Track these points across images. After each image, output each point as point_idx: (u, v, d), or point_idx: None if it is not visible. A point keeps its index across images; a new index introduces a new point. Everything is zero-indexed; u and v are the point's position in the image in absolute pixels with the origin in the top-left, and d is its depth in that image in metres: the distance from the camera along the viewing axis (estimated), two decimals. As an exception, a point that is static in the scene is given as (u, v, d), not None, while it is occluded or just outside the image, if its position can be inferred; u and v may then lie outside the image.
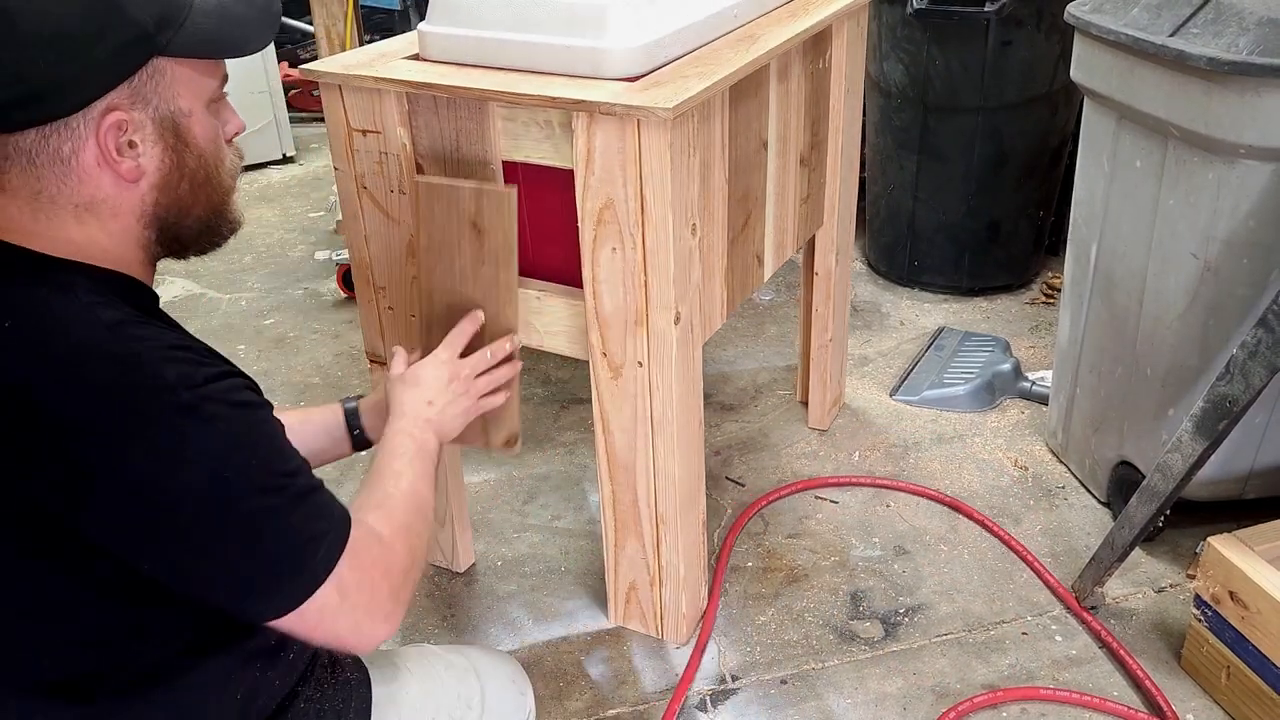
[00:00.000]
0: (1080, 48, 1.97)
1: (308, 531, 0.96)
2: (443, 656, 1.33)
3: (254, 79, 4.05)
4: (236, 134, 1.06)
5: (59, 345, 0.88)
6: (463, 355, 1.45)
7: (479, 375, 1.43)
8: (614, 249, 1.52)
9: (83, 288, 0.92)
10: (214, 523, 0.90)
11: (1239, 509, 1.97)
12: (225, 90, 1.04)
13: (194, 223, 1.02)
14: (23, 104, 0.89)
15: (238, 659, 1.03)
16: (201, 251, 1.07)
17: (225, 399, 0.92)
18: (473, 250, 1.52)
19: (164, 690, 0.98)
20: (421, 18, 1.67)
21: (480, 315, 1.50)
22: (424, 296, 1.56)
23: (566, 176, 1.51)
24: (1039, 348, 2.78)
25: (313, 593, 0.96)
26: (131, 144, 0.94)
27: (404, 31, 2.12)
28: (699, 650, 1.82)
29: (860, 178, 2.46)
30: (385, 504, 1.13)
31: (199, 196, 1.01)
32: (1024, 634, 1.86)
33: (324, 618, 0.98)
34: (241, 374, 0.99)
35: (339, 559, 0.98)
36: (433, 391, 1.35)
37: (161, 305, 1.04)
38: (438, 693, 1.27)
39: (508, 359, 1.49)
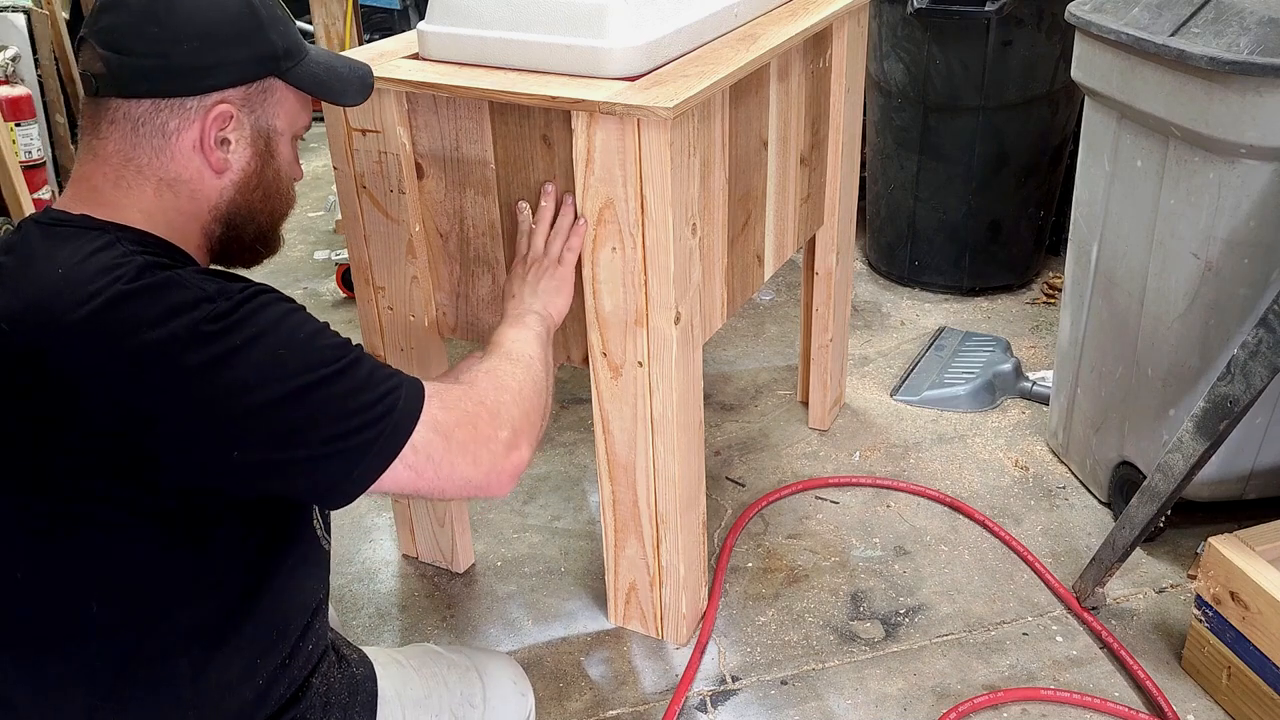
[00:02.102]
0: (1081, 47, 1.97)
1: (382, 386, 1.00)
2: (445, 656, 1.34)
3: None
4: (298, 179, 1.18)
5: (103, 286, 0.91)
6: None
7: (553, 245, 1.52)
8: (614, 249, 1.52)
9: (130, 240, 0.97)
10: (289, 404, 0.93)
11: (1240, 509, 1.96)
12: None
13: (255, 230, 1.12)
14: (156, 75, 1.00)
15: (264, 648, 1.04)
16: (246, 263, 1.16)
17: (265, 300, 0.97)
18: (544, 164, 1.54)
19: (190, 681, 0.98)
20: (421, 17, 1.67)
21: (551, 190, 1.57)
22: (502, 209, 1.61)
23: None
24: (1040, 348, 2.77)
25: (408, 439, 0.99)
26: (227, 140, 1.04)
27: (403, 31, 2.12)
28: (699, 651, 1.82)
29: (860, 177, 2.46)
30: (484, 357, 1.25)
31: (267, 206, 1.12)
32: (1025, 634, 1.86)
33: (437, 463, 1.02)
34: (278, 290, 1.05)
35: (423, 403, 1.02)
36: (526, 293, 1.47)
37: None
38: (441, 690, 1.28)
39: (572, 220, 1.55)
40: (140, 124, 1.01)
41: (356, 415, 0.97)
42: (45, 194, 3.17)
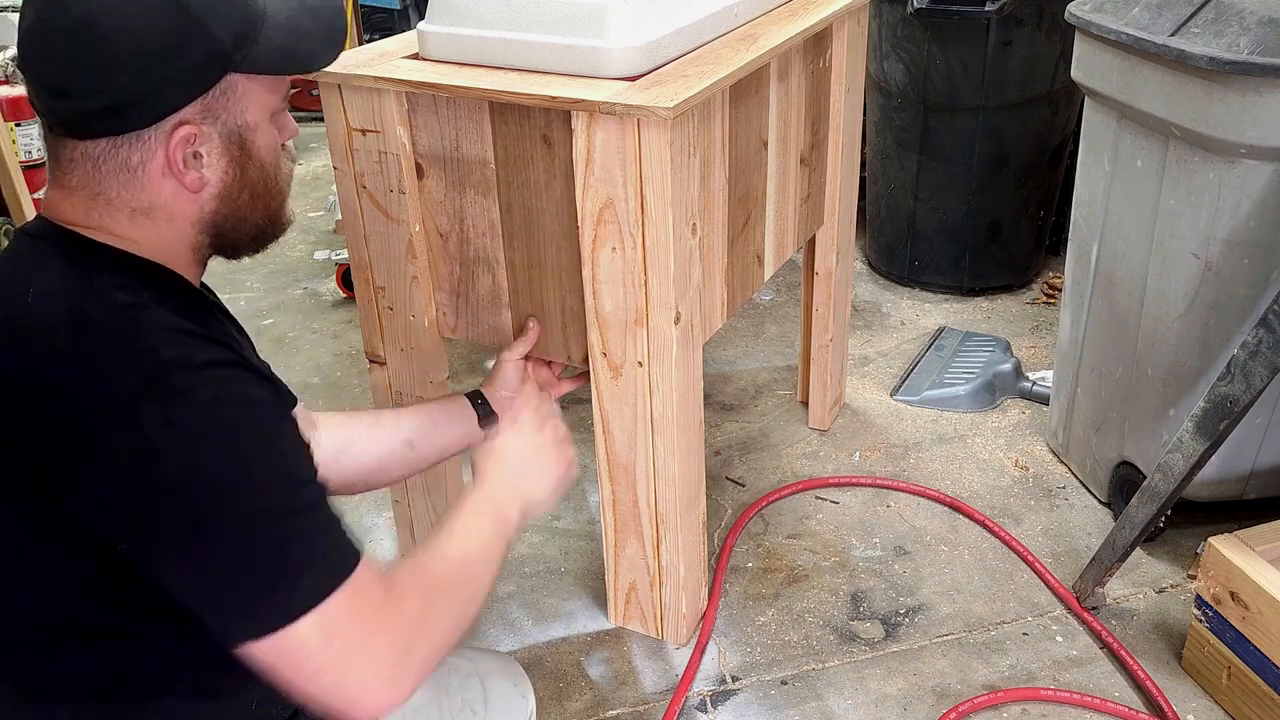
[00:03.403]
0: (1081, 47, 1.97)
1: (301, 550, 0.90)
2: (445, 660, 1.33)
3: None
4: (290, 137, 1.07)
5: (66, 324, 0.88)
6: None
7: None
8: (614, 249, 1.52)
9: (110, 271, 0.93)
10: (193, 516, 0.86)
11: (1240, 509, 1.96)
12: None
13: (249, 229, 1.04)
14: (101, 115, 0.91)
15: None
16: (252, 253, 1.08)
17: (224, 387, 0.89)
18: (545, 164, 1.53)
19: (179, 696, 0.97)
20: (421, 17, 1.67)
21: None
22: (502, 209, 1.59)
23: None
24: (1040, 348, 2.77)
25: (290, 621, 0.87)
26: (197, 155, 0.96)
27: (403, 31, 2.12)
28: (699, 651, 1.82)
29: (860, 177, 2.46)
30: (424, 560, 1.05)
31: (257, 205, 1.03)
32: (1025, 634, 1.86)
33: (305, 659, 0.89)
34: (259, 370, 0.98)
35: (332, 594, 0.89)
36: (522, 469, 1.26)
37: None
38: (441, 697, 1.27)
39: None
40: (101, 161, 0.93)
41: (251, 568, 0.87)
42: (45, 194, 3.17)
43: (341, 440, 1.41)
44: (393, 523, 2.09)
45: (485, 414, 1.58)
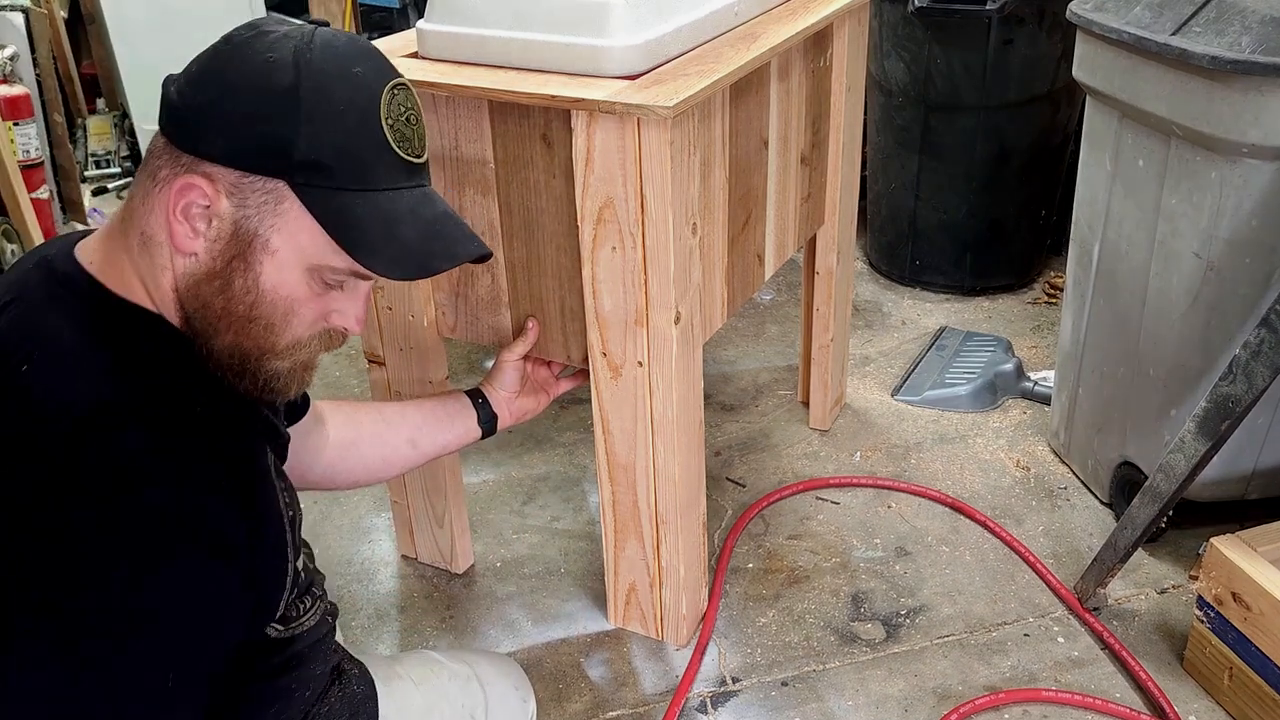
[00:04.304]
0: (1082, 46, 1.96)
1: None
2: (446, 665, 1.33)
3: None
4: (343, 331, 0.98)
5: (54, 412, 0.85)
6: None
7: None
8: (614, 248, 1.52)
9: (117, 344, 0.89)
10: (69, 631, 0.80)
11: (1242, 510, 1.96)
12: (372, 284, 0.98)
13: (222, 349, 0.93)
14: (170, 111, 0.91)
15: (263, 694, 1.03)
16: (231, 379, 0.95)
17: (164, 539, 0.83)
18: (544, 163, 1.52)
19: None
20: (420, 16, 1.66)
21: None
22: (502, 209, 1.59)
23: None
24: (1041, 348, 2.77)
25: None
26: (201, 218, 0.90)
27: (403, 30, 2.11)
28: (699, 652, 1.81)
29: (861, 176, 2.45)
30: None
31: (229, 326, 0.92)
32: (1026, 635, 1.85)
33: None
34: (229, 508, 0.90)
35: None
36: None
37: None
38: (441, 704, 1.27)
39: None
40: (150, 158, 0.92)
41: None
42: (43, 193, 3.17)
43: (348, 439, 1.43)
44: (392, 523, 2.09)
45: (485, 414, 1.58)
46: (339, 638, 1.25)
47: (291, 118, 0.88)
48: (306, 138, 0.88)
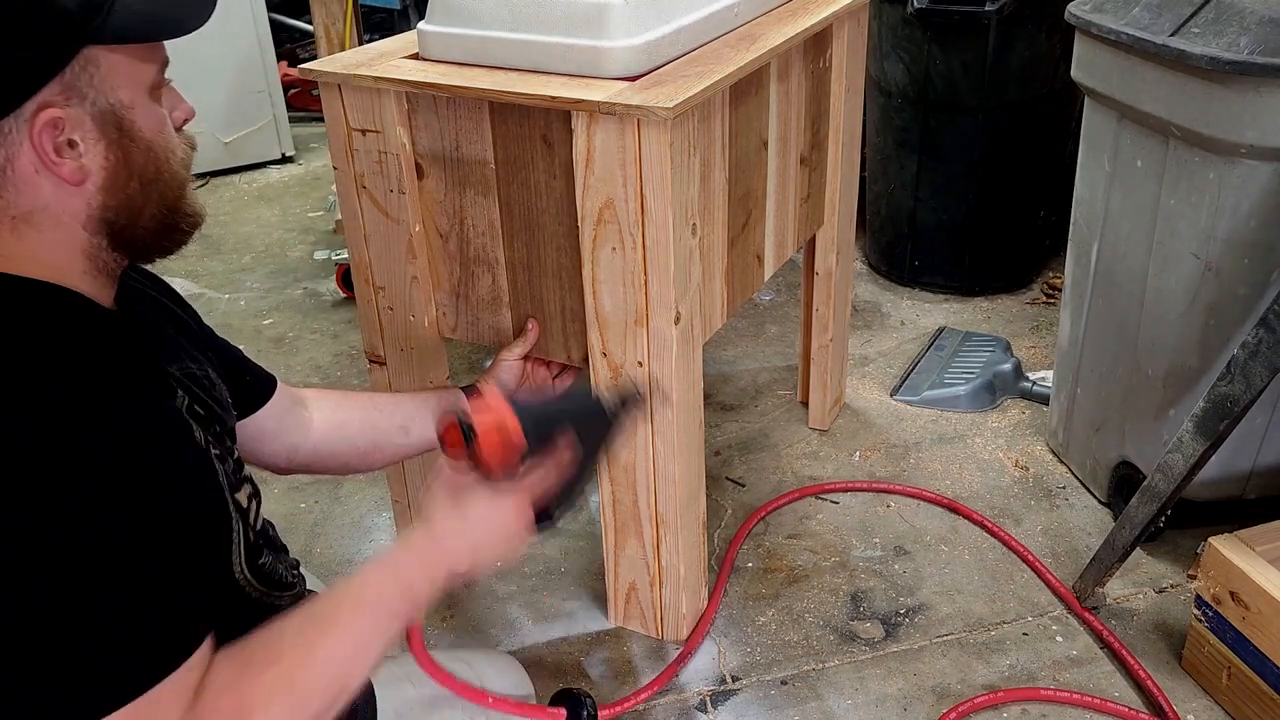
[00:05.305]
0: (1081, 47, 1.97)
1: (138, 622, 0.81)
2: (446, 665, 1.33)
3: (253, 78, 4.05)
4: (186, 120, 0.97)
5: None
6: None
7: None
8: (614, 249, 1.52)
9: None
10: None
11: (1240, 509, 1.96)
12: (168, 76, 0.95)
13: (149, 222, 0.93)
14: None
15: None
16: (164, 253, 0.98)
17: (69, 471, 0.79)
18: (544, 164, 1.53)
19: None
20: (421, 17, 1.67)
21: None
22: (502, 209, 1.59)
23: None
24: (1040, 348, 2.77)
25: (110, 710, 0.78)
26: (71, 143, 0.86)
27: (403, 31, 2.12)
28: (690, 646, 1.81)
29: (860, 177, 2.46)
30: (271, 659, 0.91)
31: (150, 194, 0.92)
32: (1025, 634, 1.86)
33: None
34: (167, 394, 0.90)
35: (172, 670, 0.82)
36: (477, 538, 1.10)
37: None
38: (442, 705, 1.27)
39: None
40: None
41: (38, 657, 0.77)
42: None
43: (338, 419, 1.40)
44: (393, 523, 2.09)
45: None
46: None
47: (37, 1, 0.83)
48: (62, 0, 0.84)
